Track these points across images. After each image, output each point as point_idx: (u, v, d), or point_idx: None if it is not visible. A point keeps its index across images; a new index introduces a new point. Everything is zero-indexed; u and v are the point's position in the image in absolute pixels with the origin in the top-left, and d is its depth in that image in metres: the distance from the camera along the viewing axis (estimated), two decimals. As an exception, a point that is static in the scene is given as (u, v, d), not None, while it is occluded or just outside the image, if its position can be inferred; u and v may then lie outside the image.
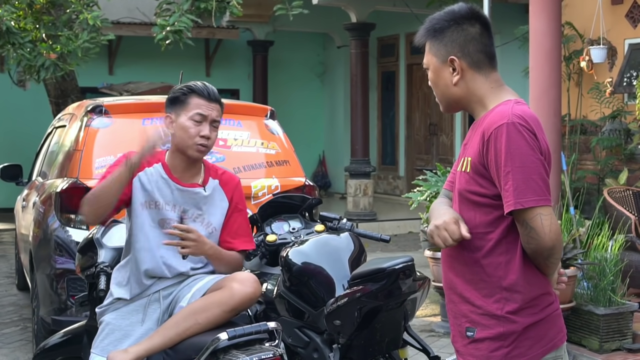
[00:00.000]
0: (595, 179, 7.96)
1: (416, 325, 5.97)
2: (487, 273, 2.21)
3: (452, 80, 2.28)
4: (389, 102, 14.34)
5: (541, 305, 2.22)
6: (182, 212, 3.05)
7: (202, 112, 3.04)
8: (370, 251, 8.46)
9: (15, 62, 8.22)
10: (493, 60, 2.30)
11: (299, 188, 5.16)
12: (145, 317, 3.01)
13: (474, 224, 2.22)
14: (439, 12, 2.32)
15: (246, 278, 2.96)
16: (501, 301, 2.20)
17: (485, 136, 2.18)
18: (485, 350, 2.21)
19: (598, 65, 8.19)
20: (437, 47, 2.29)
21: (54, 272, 4.82)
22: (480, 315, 2.22)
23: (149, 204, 3.04)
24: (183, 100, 3.07)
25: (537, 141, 2.16)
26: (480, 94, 2.28)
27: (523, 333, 2.19)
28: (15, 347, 5.76)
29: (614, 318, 5.16)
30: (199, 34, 12.50)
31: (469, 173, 2.24)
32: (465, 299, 2.25)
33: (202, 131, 3.03)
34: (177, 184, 3.06)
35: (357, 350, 3.13)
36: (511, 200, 2.13)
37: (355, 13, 11.44)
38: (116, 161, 3.08)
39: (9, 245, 10.03)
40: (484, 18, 2.30)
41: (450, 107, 2.36)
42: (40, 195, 5.44)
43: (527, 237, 2.16)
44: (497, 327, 2.19)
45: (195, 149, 3.04)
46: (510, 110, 2.18)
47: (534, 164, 2.14)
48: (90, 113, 5.12)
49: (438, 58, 2.29)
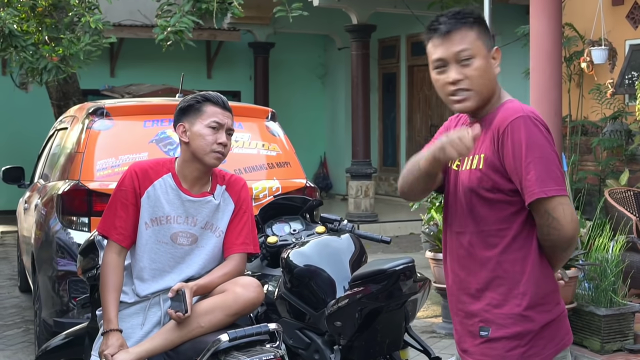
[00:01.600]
0: (596, 179, 7.97)
1: (417, 327, 5.97)
2: (504, 269, 2.21)
3: (496, 71, 2.27)
4: (390, 103, 14.35)
5: (552, 303, 2.23)
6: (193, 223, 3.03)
7: (218, 120, 3.03)
8: (372, 252, 8.46)
9: (18, 65, 8.24)
10: None
11: (300, 189, 5.16)
12: (145, 320, 3.01)
13: (489, 221, 2.22)
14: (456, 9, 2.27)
15: (249, 283, 2.97)
16: (518, 297, 2.19)
17: (500, 130, 2.18)
18: (500, 350, 2.20)
19: (599, 66, 8.20)
20: (486, 36, 2.25)
21: (56, 274, 4.83)
22: (497, 314, 2.21)
23: (154, 221, 3.02)
24: (198, 109, 3.05)
25: (550, 135, 2.20)
26: (496, 90, 2.29)
27: (539, 332, 2.20)
28: (17, 349, 5.77)
29: (615, 319, 5.16)
30: (200, 36, 12.53)
31: (481, 170, 2.22)
32: (479, 298, 2.24)
33: (219, 139, 3.01)
34: (187, 195, 3.04)
35: (358, 351, 3.13)
36: (535, 189, 2.13)
37: (356, 15, 11.45)
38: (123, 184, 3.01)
39: (11, 248, 10.05)
40: None
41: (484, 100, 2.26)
42: (42, 198, 5.45)
43: (547, 227, 2.16)
44: (514, 326, 2.19)
45: (213, 157, 3.02)
46: (521, 106, 2.21)
47: (551, 156, 2.17)
48: (92, 115, 5.12)
49: (487, 47, 2.25)
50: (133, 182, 3.02)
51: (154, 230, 3.01)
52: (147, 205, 3.01)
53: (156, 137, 4.99)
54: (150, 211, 3.01)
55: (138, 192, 3.01)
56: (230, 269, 3.04)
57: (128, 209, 3.01)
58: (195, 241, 3.04)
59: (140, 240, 3.03)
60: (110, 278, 2.97)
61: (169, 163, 3.10)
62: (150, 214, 3.01)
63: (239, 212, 3.12)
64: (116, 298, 2.96)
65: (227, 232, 3.10)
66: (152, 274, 3.02)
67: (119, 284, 2.98)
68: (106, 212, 3.06)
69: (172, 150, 4.89)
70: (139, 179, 3.03)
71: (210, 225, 3.07)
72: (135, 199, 3.01)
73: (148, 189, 3.02)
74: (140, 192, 3.02)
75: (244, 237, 3.10)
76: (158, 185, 3.03)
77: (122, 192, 3.03)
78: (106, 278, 2.97)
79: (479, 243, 2.23)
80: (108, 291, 2.95)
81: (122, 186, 3.04)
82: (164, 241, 3.02)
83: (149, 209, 3.01)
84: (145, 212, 3.01)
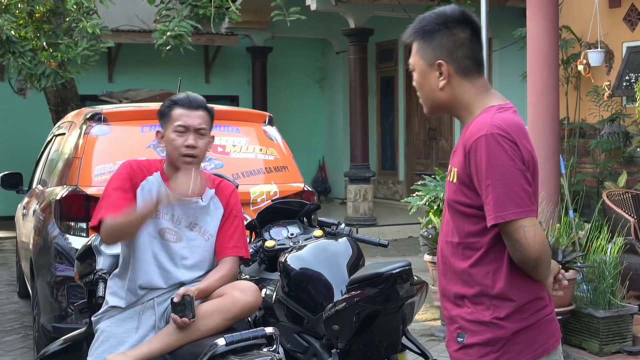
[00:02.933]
0: (594, 182, 7.97)
1: (416, 330, 5.97)
2: (476, 281, 2.21)
3: (439, 85, 2.23)
4: (388, 107, 14.36)
5: (531, 311, 2.21)
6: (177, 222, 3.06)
7: (182, 123, 3.05)
8: (370, 256, 8.46)
9: (16, 71, 8.25)
10: (480, 66, 2.26)
11: (298, 194, 5.17)
12: (140, 324, 3.01)
13: (463, 234, 2.22)
14: (429, 13, 2.26)
15: (247, 287, 2.98)
16: (490, 308, 2.19)
17: (466, 148, 2.16)
18: (474, 356, 2.21)
19: (595, 68, 8.21)
20: (425, 50, 2.24)
21: (54, 280, 4.83)
22: (469, 322, 2.22)
23: None
24: (167, 114, 3.09)
25: (518, 150, 2.12)
26: (466, 100, 2.24)
27: (512, 338, 2.18)
28: (16, 355, 5.77)
29: (614, 321, 5.16)
30: (198, 41, 12.53)
31: (455, 184, 2.22)
32: (457, 305, 2.25)
33: (186, 141, 3.03)
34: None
35: (355, 355, 3.13)
36: (492, 214, 2.11)
37: (353, 19, 11.46)
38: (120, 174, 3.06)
39: (10, 253, 10.04)
40: (475, 23, 2.26)
41: (435, 110, 2.32)
42: (40, 203, 5.45)
43: (512, 248, 2.15)
44: (486, 332, 2.19)
45: (182, 161, 3.03)
46: (490, 120, 2.15)
47: (514, 175, 2.10)
48: (90, 121, 5.13)
49: (425, 60, 2.24)
50: (129, 172, 3.06)
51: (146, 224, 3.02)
52: (141, 197, 3.04)
53: (154, 142, 4.98)
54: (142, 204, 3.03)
55: (134, 182, 3.05)
56: (226, 272, 3.07)
57: (127, 192, 3.03)
58: (181, 240, 3.06)
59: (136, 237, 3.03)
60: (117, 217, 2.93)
61: (159, 163, 3.16)
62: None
63: (229, 217, 3.15)
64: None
65: (219, 236, 3.12)
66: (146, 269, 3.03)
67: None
68: (99, 205, 3.03)
69: (170, 155, 4.89)
70: (135, 171, 3.08)
71: (194, 226, 3.08)
72: (132, 187, 3.04)
73: (142, 182, 3.06)
74: (136, 182, 3.06)
75: (235, 240, 3.13)
76: (150, 180, 3.08)
77: (119, 180, 3.05)
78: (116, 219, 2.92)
79: (456, 254, 2.24)
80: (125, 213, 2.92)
81: (118, 176, 3.07)
82: (153, 235, 3.04)
83: (142, 202, 3.03)
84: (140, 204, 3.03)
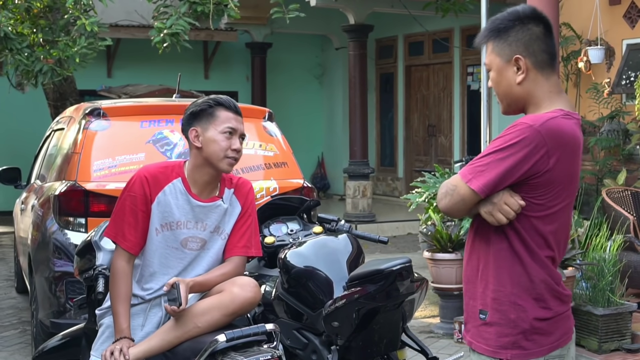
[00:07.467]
0: (593, 179, 7.96)
1: (415, 327, 5.97)
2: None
3: (516, 80, 2.29)
4: (387, 103, 14.35)
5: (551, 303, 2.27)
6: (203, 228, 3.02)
7: (232, 126, 3.01)
8: (369, 252, 8.47)
9: (13, 67, 8.22)
10: (554, 61, 2.32)
11: (297, 190, 5.16)
12: (145, 321, 3.00)
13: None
14: (501, 13, 2.35)
15: (247, 283, 2.96)
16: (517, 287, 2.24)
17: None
18: (493, 334, 2.27)
19: (596, 65, 8.20)
20: (501, 47, 2.31)
21: (53, 275, 4.82)
22: (494, 300, 2.27)
23: (164, 226, 2.99)
24: (211, 114, 3.01)
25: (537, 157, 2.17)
26: (538, 96, 2.30)
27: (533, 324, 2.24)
28: (14, 350, 5.76)
29: (613, 318, 5.16)
30: (198, 37, 12.52)
31: None
32: (486, 281, 2.30)
33: (233, 145, 3.00)
34: (197, 201, 3.01)
35: (355, 351, 3.13)
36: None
37: (353, 15, 11.45)
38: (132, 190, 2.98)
39: (8, 248, 10.03)
40: (546, 19, 2.33)
41: (511, 108, 2.37)
42: (39, 198, 5.44)
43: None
44: (509, 313, 2.25)
45: (227, 163, 3.00)
46: (546, 119, 2.20)
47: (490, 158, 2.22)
48: (89, 116, 5.12)
49: (502, 57, 2.31)
50: (143, 187, 2.98)
51: (164, 236, 3.00)
52: (158, 211, 2.98)
53: (153, 138, 4.98)
54: (160, 217, 2.99)
55: (149, 198, 2.98)
56: (229, 270, 3.03)
57: (137, 215, 2.97)
58: (204, 245, 3.04)
59: (151, 246, 3.01)
60: (120, 288, 2.94)
61: (178, 167, 3.06)
62: (161, 219, 2.99)
63: (244, 215, 3.11)
64: (127, 308, 2.94)
65: (231, 234, 3.09)
66: (160, 278, 3.01)
67: (129, 293, 2.96)
68: (114, 217, 3.02)
69: (169, 151, 4.87)
70: (150, 184, 2.98)
71: (218, 229, 3.06)
72: (145, 206, 2.98)
73: (158, 194, 2.98)
74: (151, 198, 2.98)
75: (246, 240, 3.09)
76: (168, 190, 3.00)
77: (132, 197, 2.99)
78: (116, 287, 2.95)
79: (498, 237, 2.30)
80: (119, 301, 2.93)
81: (131, 191, 3.00)
82: (173, 246, 3.01)
83: (159, 215, 2.99)
84: (156, 217, 2.99)
